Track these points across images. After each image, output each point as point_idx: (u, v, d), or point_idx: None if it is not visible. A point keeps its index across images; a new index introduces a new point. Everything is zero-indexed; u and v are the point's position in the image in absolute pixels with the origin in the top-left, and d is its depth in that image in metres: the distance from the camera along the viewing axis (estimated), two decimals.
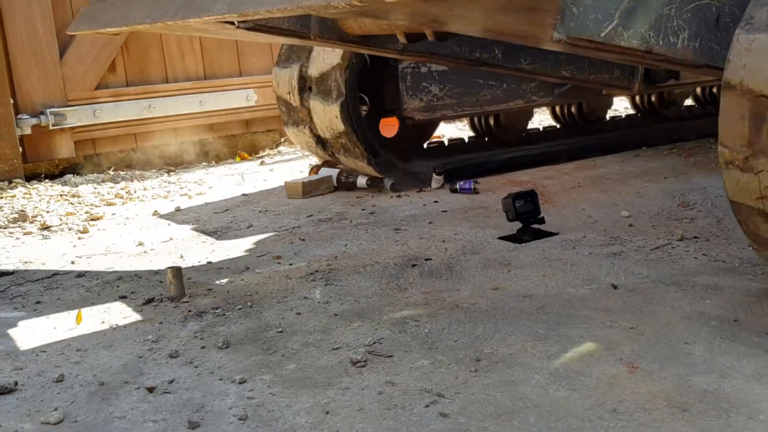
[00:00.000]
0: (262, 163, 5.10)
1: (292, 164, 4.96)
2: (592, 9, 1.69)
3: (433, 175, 3.73)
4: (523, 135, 4.46)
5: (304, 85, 3.82)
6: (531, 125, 4.59)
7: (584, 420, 1.47)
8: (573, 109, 4.72)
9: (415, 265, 2.54)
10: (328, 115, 3.70)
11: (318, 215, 3.38)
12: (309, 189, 3.77)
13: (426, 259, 2.58)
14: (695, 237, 2.61)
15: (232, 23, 2.36)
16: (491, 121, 4.36)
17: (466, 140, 4.38)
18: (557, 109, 4.77)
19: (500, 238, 2.78)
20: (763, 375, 1.60)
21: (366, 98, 3.79)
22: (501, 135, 4.37)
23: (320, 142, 3.94)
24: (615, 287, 2.18)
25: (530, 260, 2.50)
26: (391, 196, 3.65)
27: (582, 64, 3.18)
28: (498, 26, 2.03)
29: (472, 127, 4.51)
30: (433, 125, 4.31)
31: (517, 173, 3.97)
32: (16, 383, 1.80)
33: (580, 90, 4.08)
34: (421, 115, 3.77)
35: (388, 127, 3.95)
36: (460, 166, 3.97)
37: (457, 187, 3.59)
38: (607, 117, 4.89)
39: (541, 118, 5.72)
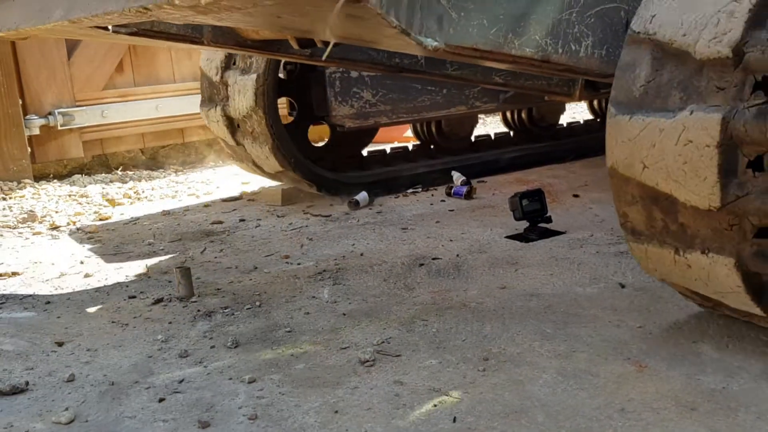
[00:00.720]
0: None
1: None
2: (477, 14, 1.52)
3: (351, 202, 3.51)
4: (470, 142, 4.32)
5: (234, 126, 3.59)
6: (480, 132, 4.44)
7: (592, 419, 1.48)
8: (523, 115, 4.58)
9: (422, 264, 2.54)
10: (264, 154, 3.51)
11: (325, 215, 3.39)
12: (288, 196, 3.67)
13: (433, 259, 2.59)
14: None
15: (106, 28, 2.11)
16: (433, 128, 4.21)
17: (410, 148, 4.24)
18: (508, 115, 4.65)
19: (507, 237, 2.78)
20: None
21: (294, 104, 3.66)
22: (444, 142, 4.22)
23: (268, 174, 3.75)
24: (623, 286, 2.19)
25: (537, 259, 2.50)
26: (397, 196, 3.66)
27: (514, 71, 2.94)
28: (342, 30, 1.67)
29: (415, 134, 4.37)
30: (369, 133, 4.08)
31: (522, 172, 3.97)
32: (27, 383, 1.81)
33: (527, 96, 3.92)
34: (353, 123, 3.60)
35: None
36: (402, 175, 3.86)
37: (452, 191, 3.57)
38: (563, 123, 4.76)
39: (495, 125, 5.62)
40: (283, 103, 3.65)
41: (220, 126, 3.64)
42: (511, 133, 4.66)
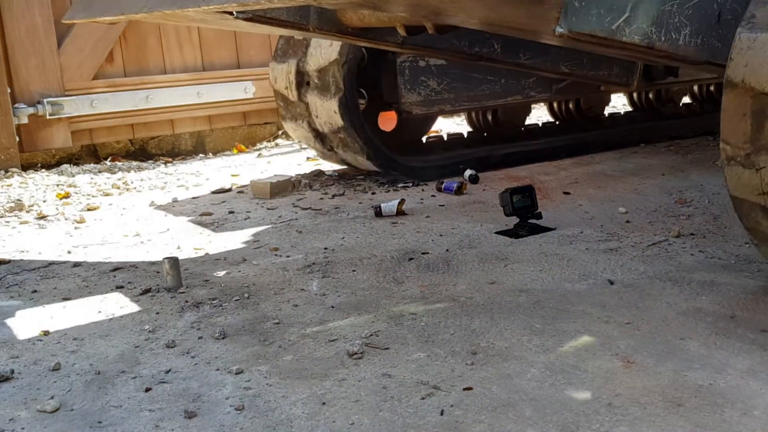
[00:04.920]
0: (259, 156, 5.09)
1: (289, 157, 4.96)
2: (595, 4, 1.69)
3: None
4: (522, 130, 4.45)
5: (302, 80, 3.80)
6: (528, 121, 4.59)
7: (579, 414, 1.48)
8: (571, 106, 4.71)
9: (412, 258, 2.54)
10: (326, 110, 3.69)
11: (315, 208, 3.38)
12: (277, 190, 3.68)
13: (423, 253, 2.59)
14: (692, 234, 2.61)
15: (230, 13, 2.33)
16: (489, 117, 4.35)
17: (466, 135, 4.38)
18: (555, 105, 4.77)
19: (497, 232, 2.78)
20: (758, 371, 1.60)
21: (364, 92, 3.77)
22: (499, 130, 4.36)
23: (319, 136, 3.93)
24: (611, 283, 2.19)
25: (527, 255, 2.50)
26: (388, 191, 3.65)
27: (581, 60, 3.17)
28: (499, 19, 2.01)
29: (470, 122, 4.51)
30: (431, 120, 4.28)
31: (515, 169, 3.97)
32: (12, 371, 1.80)
33: (579, 86, 4.08)
34: (419, 109, 3.75)
35: (387, 121, 3.94)
36: (461, 160, 3.97)
37: (442, 186, 3.57)
38: (606, 114, 4.89)
39: (539, 114, 5.72)
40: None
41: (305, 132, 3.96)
42: (557, 122, 4.78)
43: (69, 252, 2.88)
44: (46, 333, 2.06)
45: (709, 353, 1.70)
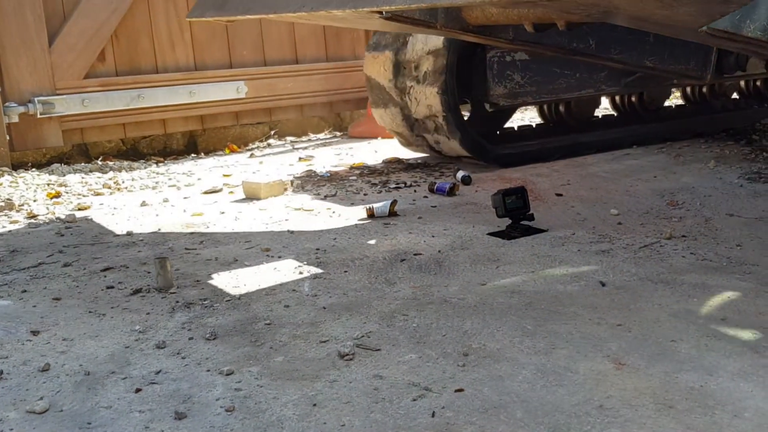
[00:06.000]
0: (251, 156, 5.08)
1: (282, 157, 4.95)
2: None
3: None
4: (591, 122, 4.71)
5: (399, 69, 4.05)
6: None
7: (571, 415, 1.48)
8: (634, 99, 4.93)
9: (404, 259, 2.54)
10: (426, 97, 3.91)
11: (307, 208, 3.37)
12: (268, 190, 3.68)
13: (415, 254, 2.58)
14: (683, 236, 2.62)
15: (380, 12, 2.39)
16: (561, 108, 4.59)
17: (534, 126, 4.68)
18: (617, 98, 4.97)
19: (489, 234, 2.78)
20: (748, 373, 1.61)
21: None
22: (570, 121, 4.58)
23: (409, 122, 4.14)
24: (603, 284, 2.19)
25: (519, 256, 2.50)
26: (380, 192, 3.65)
27: (663, 55, 3.53)
28: (665, 17, 2.07)
29: (541, 114, 4.73)
30: (510, 111, 4.64)
31: (508, 170, 3.98)
32: (1, 372, 1.79)
33: (646, 80, 4.31)
34: (505, 101, 4.01)
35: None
36: (535, 149, 4.23)
37: (434, 187, 3.56)
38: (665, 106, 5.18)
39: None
40: None
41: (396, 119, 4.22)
42: (615, 114, 4.99)
43: (60, 251, 2.87)
44: (35, 333, 2.05)
45: (700, 355, 1.71)
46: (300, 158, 4.78)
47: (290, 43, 5.67)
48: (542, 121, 4.73)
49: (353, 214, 3.21)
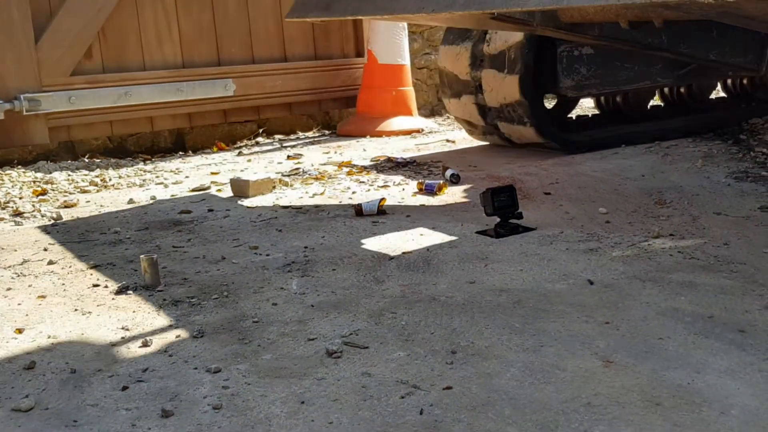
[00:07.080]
0: (239, 154, 5.06)
1: (270, 155, 4.93)
2: None
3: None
4: (643, 112, 4.90)
5: (476, 60, 4.34)
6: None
7: (559, 413, 1.48)
8: (683, 90, 5.15)
9: (392, 257, 2.53)
10: (505, 86, 4.16)
11: (295, 206, 3.36)
12: (256, 188, 3.67)
13: (404, 252, 2.58)
14: (671, 234, 2.63)
15: (493, 13, 2.49)
16: (618, 99, 4.80)
17: (590, 116, 4.97)
18: (666, 90, 5.17)
19: (478, 232, 2.78)
20: (735, 371, 1.61)
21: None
22: (627, 112, 4.81)
23: (483, 111, 4.41)
24: (591, 283, 2.20)
25: (507, 255, 2.51)
26: (368, 189, 3.64)
27: (724, 49, 3.84)
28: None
29: (598, 105, 4.99)
30: (573, 103, 4.87)
31: (498, 168, 3.98)
32: None
33: (697, 72, 4.50)
34: (572, 93, 4.23)
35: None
36: (599, 137, 4.46)
37: (423, 186, 3.56)
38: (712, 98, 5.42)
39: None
40: None
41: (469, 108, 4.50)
42: (662, 104, 5.26)
43: (45, 249, 2.84)
44: (20, 331, 2.03)
45: (688, 353, 1.71)
46: (288, 156, 4.76)
47: (279, 41, 5.65)
48: (598, 112, 4.99)
49: (342, 212, 3.20)
